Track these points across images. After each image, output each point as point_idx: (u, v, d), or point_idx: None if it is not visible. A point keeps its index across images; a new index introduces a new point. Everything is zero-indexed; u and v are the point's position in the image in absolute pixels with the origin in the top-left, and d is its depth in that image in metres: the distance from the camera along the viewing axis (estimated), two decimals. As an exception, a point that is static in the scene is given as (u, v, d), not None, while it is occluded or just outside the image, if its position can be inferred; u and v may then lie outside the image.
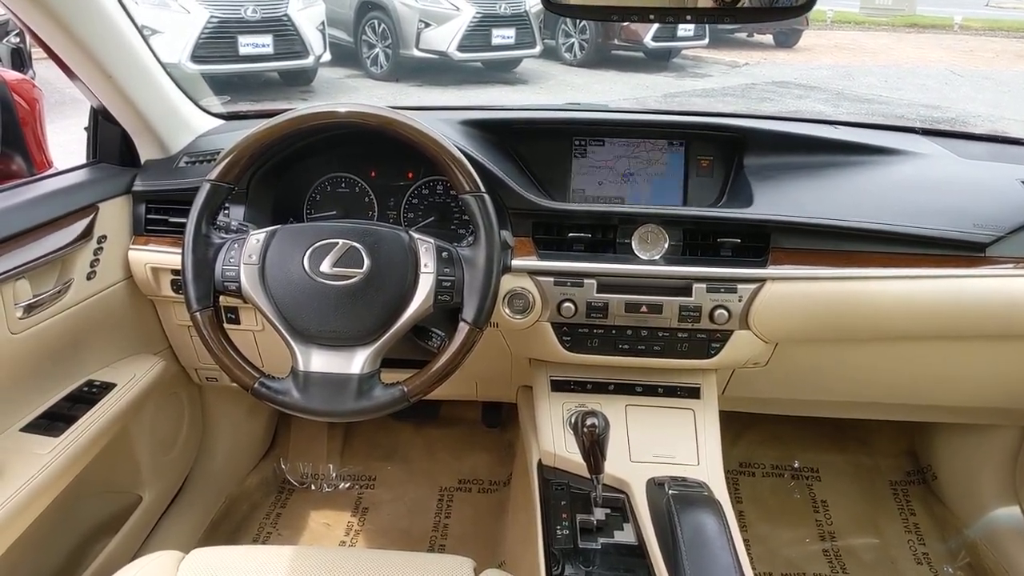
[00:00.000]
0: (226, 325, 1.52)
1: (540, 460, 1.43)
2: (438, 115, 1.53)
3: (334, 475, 2.15)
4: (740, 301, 1.34)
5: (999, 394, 1.63)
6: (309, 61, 7.47)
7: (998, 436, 1.85)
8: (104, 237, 1.45)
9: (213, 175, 1.16)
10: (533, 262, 1.37)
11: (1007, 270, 1.37)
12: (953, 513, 2.01)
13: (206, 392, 1.90)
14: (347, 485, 2.13)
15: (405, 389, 1.13)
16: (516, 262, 1.36)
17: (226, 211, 1.46)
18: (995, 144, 1.69)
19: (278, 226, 1.19)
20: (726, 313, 1.34)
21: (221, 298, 1.18)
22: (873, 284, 1.35)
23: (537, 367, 1.53)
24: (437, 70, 8.40)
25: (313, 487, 2.13)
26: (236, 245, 1.17)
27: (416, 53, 8.18)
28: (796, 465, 2.19)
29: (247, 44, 6.95)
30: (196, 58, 6.64)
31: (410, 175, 1.54)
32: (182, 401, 1.81)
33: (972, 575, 1.88)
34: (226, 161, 1.16)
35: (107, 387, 1.46)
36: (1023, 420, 1.76)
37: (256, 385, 1.14)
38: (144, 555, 1.16)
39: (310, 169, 1.55)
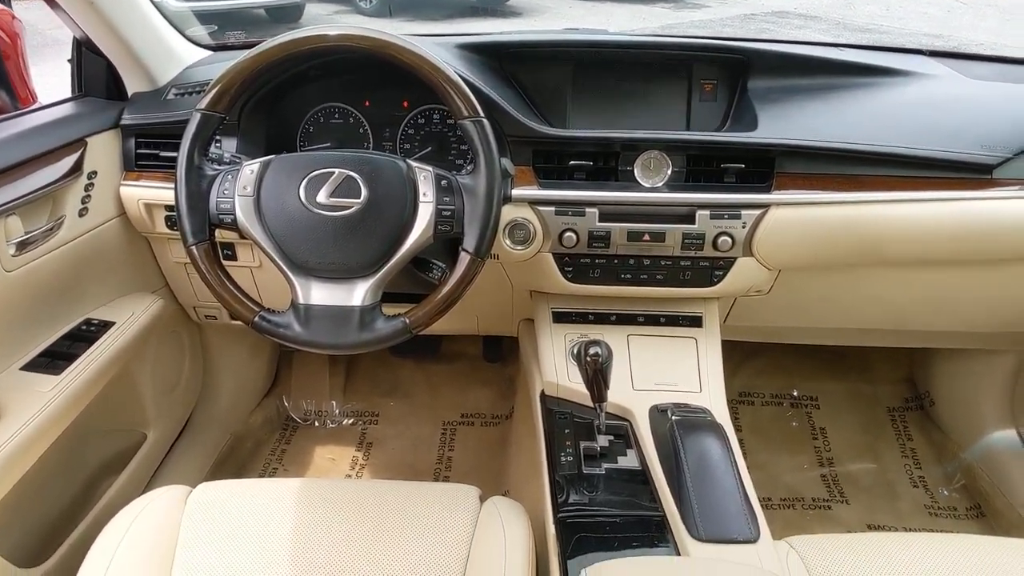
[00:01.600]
0: (224, 261, 1.54)
1: (543, 391, 1.43)
2: (433, 40, 1.48)
3: (337, 411, 2.17)
4: (744, 228, 1.33)
5: (999, 319, 1.63)
6: (295, -5, 7.26)
7: (997, 361, 1.86)
8: (95, 173, 1.42)
9: (203, 104, 1.13)
10: (534, 191, 1.34)
11: (1014, 192, 1.35)
12: (950, 438, 2.03)
13: (206, 331, 1.90)
14: (350, 421, 2.15)
15: (407, 321, 1.12)
16: (516, 191, 1.34)
17: (218, 143, 1.43)
18: (1003, 64, 1.64)
19: (272, 156, 1.16)
20: (730, 240, 1.33)
21: (217, 232, 1.16)
22: (878, 208, 1.33)
23: (539, 299, 1.53)
24: (428, 4, 8.17)
25: (317, 424, 2.15)
26: (230, 176, 1.14)
27: (406, -15, 7.95)
28: (795, 394, 2.21)
29: (232, -20, 6.74)
30: (178, -6, 6.42)
31: (405, 104, 1.50)
32: (183, 340, 1.81)
33: (967, 497, 1.92)
34: (216, 89, 1.12)
35: (106, 325, 1.45)
36: (1022, 344, 1.77)
37: (256, 319, 1.13)
38: (152, 491, 1.17)
39: (303, 99, 1.51)
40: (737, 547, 1.05)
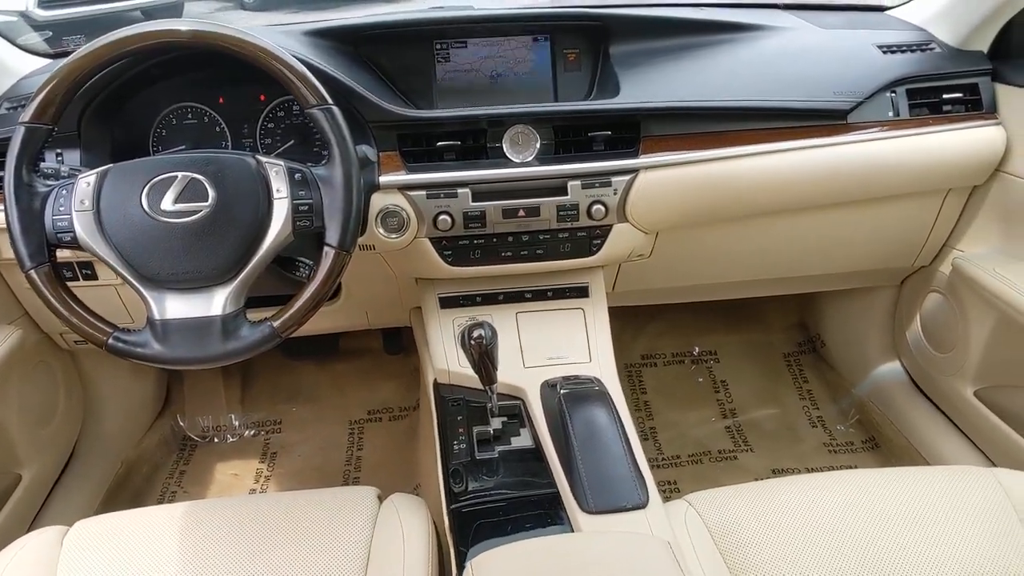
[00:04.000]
0: (82, 282, 1.44)
1: (436, 379, 1.40)
2: (280, 28, 1.41)
3: (237, 424, 2.08)
4: (616, 194, 1.33)
5: (872, 257, 1.70)
6: (172, -5, 6.88)
7: (877, 297, 1.94)
8: None
9: (26, 116, 1.03)
10: (402, 176, 1.30)
11: (868, 135, 1.40)
12: (841, 375, 2.12)
13: (80, 357, 1.78)
14: (252, 432, 2.07)
15: (274, 325, 1.07)
16: (384, 178, 1.29)
17: (59, 156, 1.32)
18: (853, 13, 1.70)
19: (109, 165, 1.08)
20: (603, 208, 1.32)
21: (59, 251, 1.08)
22: (742, 162, 1.36)
23: (425, 286, 1.49)
24: (312, -6, 7.91)
25: (216, 439, 2.06)
26: (64, 191, 1.06)
27: (287, -24, 7.66)
28: (695, 351, 2.26)
29: (100, -19, 6.33)
30: (45, 3, 5.98)
31: (263, 97, 1.42)
32: (53, 370, 1.69)
33: (862, 431, 2.01)
34: (39, 99, 1.03)
35: None
36: (897, 279, 1.85)
37: (110, 340, 1.06)
38: (24, 536, 1.08)
39: (151, 102, 1.41)
40: (627, 515, 1.06)
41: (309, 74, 1.07)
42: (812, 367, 2.21)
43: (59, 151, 1.31)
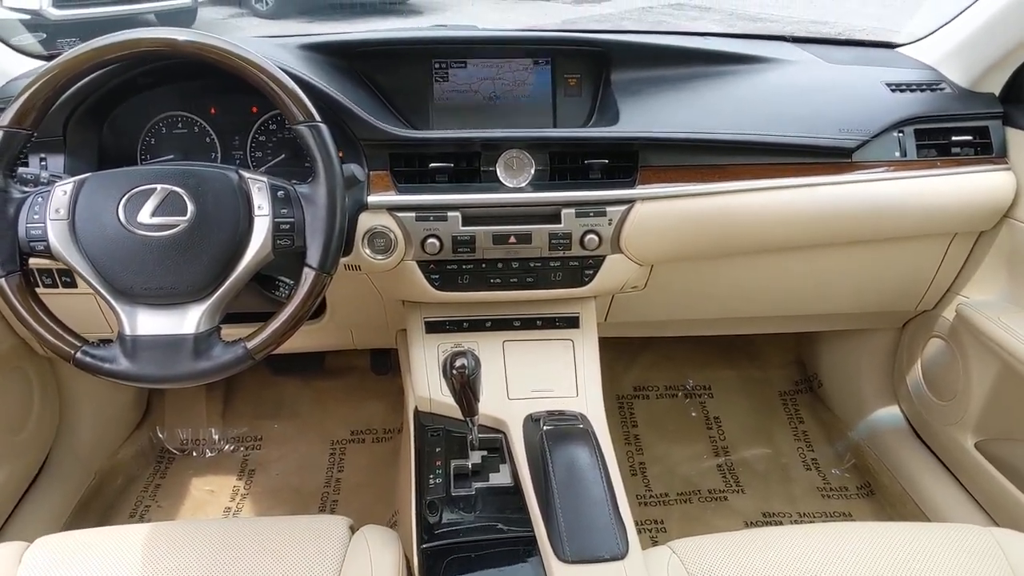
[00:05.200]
0: (61, 289, 1.40)
1: (416, 407, 1.36)
2: (275, 41, 1.38)
3: (217, 438, 2.03)
4: (610, 224, 1.29)
5: (874, 299, 1.66)
6: (186, 1, 6.92)
7: (877, 339, 1.89)
8: None
9: (5, 120, 1.00)
10: (391, 197, 1.27)
11: (873, 174, 1.37)
12: (838, 417, 2.07)
13: (58, 363, 1.74)
14: (232, 448, 2.02)
15: (248, 346, 1.03)
16: (373, 198, 1.26)
17: (43, 161, 1.29)
18: (861, 48, 1.67)
19: (88, 174, 1.05)
20: (596, 238, 1.28)
21: (32, 260, 1.04)
22: (742, 197, 1.32)
23: (411, 309, 1.45)
24: (326, 4, 7.97)
25: (195, 453, 2.01)
26: (40, 199, 1.02)
27: (302, -15, 7.73)
28: (689, 384, 2.21)
29: (116, -16, 6.37)
30: (60, 2, 6.00)
31: (254, 109, 1.39)
32: (28, 376, 1.65)
33: (858, 476, 1.95)
34: (19, 103, 1.00)
35: None
36: (898, 322, 1.81)
37: (78, 355, 1.02)
38: None
39: (141, 109, 1.38)
40: (603, 565, 1.01)
41: (297, 89, 1.04)
42: (808, 407, 2.16)
43: (43, 156, 1.27)
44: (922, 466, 1.75)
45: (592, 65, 1.43)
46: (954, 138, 1.41)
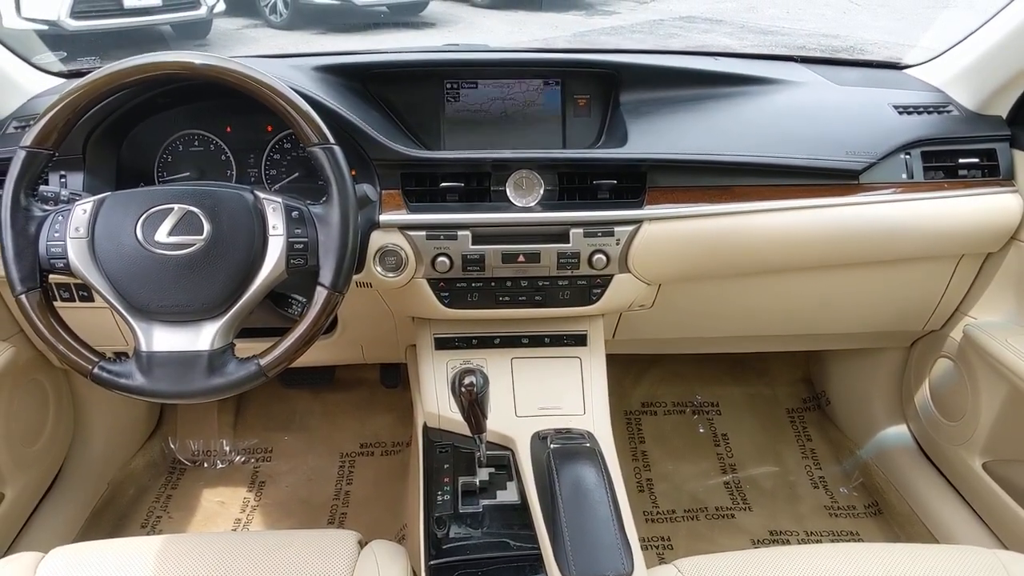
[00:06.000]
0: (78, 303, 1.43)
1: (425, 423, 1.38)
2: (290, 62, 1.41)
3: (228, 450, 2.06)
4: (618, 244, 1.30)
5: (881, 319, 1.66)
6: (202, 12, 6.99)
7: (884, 359, 1.89)
8: None
9: (28, 141, 1.03)
10: (403, 216, 1.29)
11: (880, 196, 1.38)
12: (846, 436, 2.07)
13: (73, 376, 1.77)
14: (242, 459, 2.05)
15: (261, 363, 1.05)
16: (385, 217, 1.28)
17: (63, 179, 1.32)
18: (869, 69, 1.68)
19: (107, 194, 1.07)
20: (604, 258, 1.30)
21: (51, 276, 1.07)
22: (749, 218, 1.33)
23: (420, 325, 1.47)
24: (340, 16, 8.04)
25: (206, 464, 2.03)
26: (61, 217, 1.05)
27: (316, -1, 7.81)
28: (697, 401, 2.22)
29: (133, -4, 6.45)
30: (77, 13, 6.08)
31: (269, 128, 1.42)
32: (45, 388, 1.68)
33: (865, 495, 1.95)
34: (41, 124, 1.03)
35: None
36: (906, 342, 1.81)
37: (95, 370, 1.04)
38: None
39: (158, 127, 1.41)
40: None
41: (311, 112, 1.07)
42: (816, 425, 2.16)
43: (63, 173, 1.31)
44: (930, 486, 1.75)
45: (601, 85, 1.45)
46: (961, 160, 1.42)
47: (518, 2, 9.20)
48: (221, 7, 7.21)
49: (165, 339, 1.04)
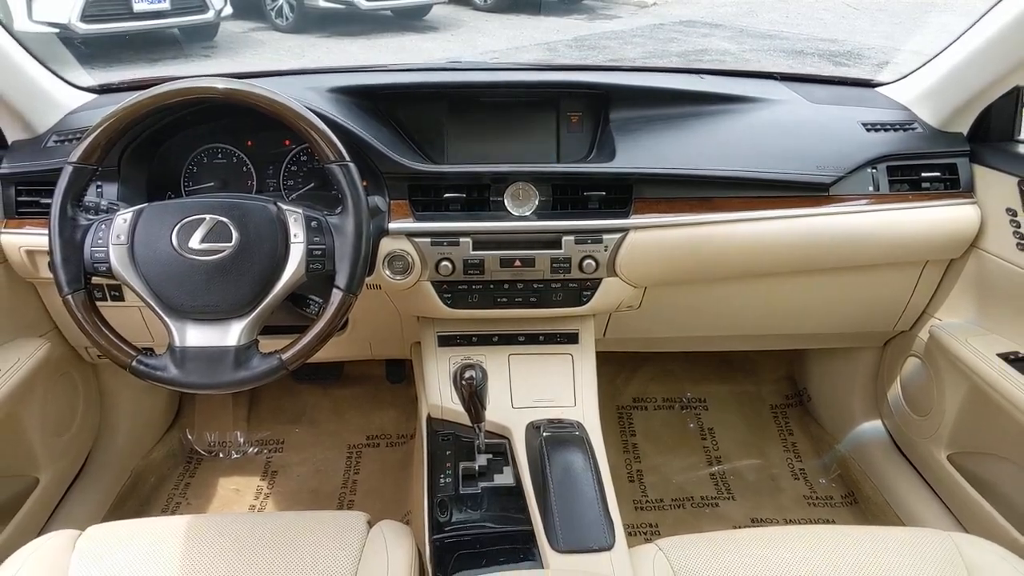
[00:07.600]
0: (110, 302, 1.55)
1: (428, 414, 1.50)
2: (308, 81, 1.53)
3: (242, 441, 2.18)
4: (606, 251, 1.42)
5: (854, 320, 1.78)
6: (209, 16, 7.12)
7: (861, 358, 2.01)
8: None
9: (75, 157, 1.15)
10: (410, 224, 1.41)
11: (848, 207, 1.49)
12: (826, 431, 2.19)
13: (101, 370, 1.89)
14: (255, 450, 2.17)
15: (283, 358, 1.16)
16: (393, 225, 1.40)
17: (99, 189, 1.44)
18: (843, 87, 1.80)
19: (145, 204, 1.19)
20: (594, 263, 1.42)
21: (93, 278, 1.19)
22: (727, 227, 1.45)
23: (425, 323, 1.59)
24: (345, 20, 8.15)
25: (221, 455, 2.15)
26: (104, 226, 1.17)
27: (321, 3, 7.92)
28: (686, 397, 2.34)
29: (142, 0, 6.57)
30: (87, 17, 6.22)
31: (287, 142, 1.54)
32: (75, 381, 1.80)
33: (842, 486, 2.07)
34: (87, 143, 1.15)
35: None
36: (879, 342, 1.93)
37: (134, 363, 1.16)
38: (39, 537, 1.17)
39: (185, 142, 1.53)
40: (593, 555, 1.14)
41: (330, 132, 1.18)
42: (798, 420, 2.28)
43: (99, 184, 1.42)
44: (901, 477, 1.87)
45: (593, 103, 1.57)
46: (924, 174, 1.54)
47: (519, 6, 9.29)
48: (228, 11, 7.33)
49: (197, 336, 1.15)
